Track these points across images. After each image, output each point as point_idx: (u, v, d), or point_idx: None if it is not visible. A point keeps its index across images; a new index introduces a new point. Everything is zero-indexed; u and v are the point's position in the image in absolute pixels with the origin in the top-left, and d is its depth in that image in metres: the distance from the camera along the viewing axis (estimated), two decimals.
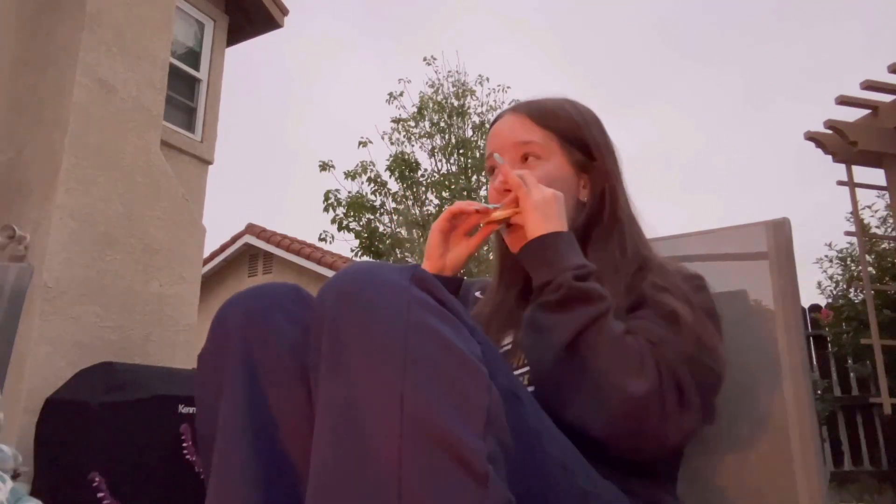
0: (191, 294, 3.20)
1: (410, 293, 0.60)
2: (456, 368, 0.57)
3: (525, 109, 0.98)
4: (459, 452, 0.53)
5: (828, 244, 5.90)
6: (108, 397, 2.30)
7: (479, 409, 0.57)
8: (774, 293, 1.01)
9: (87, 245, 2.74)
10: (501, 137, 0.98)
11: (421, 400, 0.55)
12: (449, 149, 8.20)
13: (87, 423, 2.27)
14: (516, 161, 0.95)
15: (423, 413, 0.54)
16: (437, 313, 0.60)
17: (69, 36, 2.85)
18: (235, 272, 9.85)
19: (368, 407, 0.55)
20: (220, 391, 0.70)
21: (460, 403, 0.56)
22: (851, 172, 4.14)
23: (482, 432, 0.56)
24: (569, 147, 0.96)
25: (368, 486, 0.53)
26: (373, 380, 0.56)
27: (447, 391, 0.56)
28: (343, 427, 0.56)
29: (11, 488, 0.99)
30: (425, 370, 0.56)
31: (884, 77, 3.94)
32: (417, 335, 0.57)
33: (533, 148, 0.95)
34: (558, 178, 0.94)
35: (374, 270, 0.63)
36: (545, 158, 0.95)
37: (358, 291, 0.61)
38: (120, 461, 2.14)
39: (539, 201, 0.84)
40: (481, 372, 0.59)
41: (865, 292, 4.12)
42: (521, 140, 0.96)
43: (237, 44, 5.26)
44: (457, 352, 0.58)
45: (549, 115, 0.97)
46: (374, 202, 8.09)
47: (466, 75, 8.48)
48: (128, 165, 2.95)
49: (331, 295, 0.62)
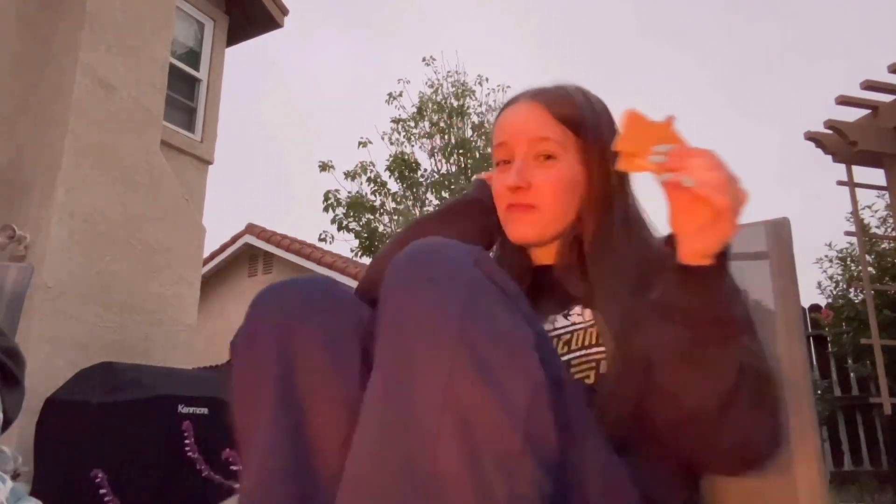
0: (191, 294, 3.20)
1: (472, 275, 0.62)
2: (506, 353, 0.59)
3: (543, 100, 0.91)
4: (496, 433, 0.55)
5: (828, 244, 5.90)
6: (108, 397, 2.30)
7: (522, 397, 0.58)
8: (774, 293, 1.01)
9: (87, 245, 2.74)
10: (516, 128, 0.92)
11: (467, 381, 0.57)
12: (449, 149, 8.20)
13: (87, 422, 2.27)
14: (529, 159, 0.90)
15: (467, 401, 0.56)
16: (495, 297, 0.62)
17: (69, 35, 2.85)
18: (235, 272, 9.84)
19: (418, 383, 0.58)
20: (256, 383, 0.71)
21: (504, 392, 0.57)
22: (851, 172, 4.14)
23: (524, 415, 0.57)
24: (584, 145, 0.90)
25: (405, 458, 0.56)
26: (428, 357, 0.58)
27: (494, 374, 0.57)
28: (392, 399, 0.59)
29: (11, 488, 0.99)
30: (476, 352, 0.58)
31: (884, 77, 3.94)
32: (474, 317, 0.59)
33: (549, 146, 0.89)
34: (570, 179, 0.89)
35: (440, 247, 0.65)
36: (560, 158, 0.89)
37: (424, 264, 0.63)
38: (120, 461, 2.14)
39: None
40: (532, 358, 0.60)
41: (865, 292, 4.12)
42: (538, 136, 0.89)
43: (237, 44, 5.26)
44: (509, 336, 0.60)
45: (567, 110, 0.90)
46: (373, 202, 8.09)
47: (466, 75, 8.50)
48: (128, 165, 2.95)
49: (400, 266, 0.64)
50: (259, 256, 9.72)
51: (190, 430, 1.76)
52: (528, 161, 0.89)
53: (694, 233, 0.66)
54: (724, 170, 0.64)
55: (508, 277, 0.66)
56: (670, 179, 0.65)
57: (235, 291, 9.61)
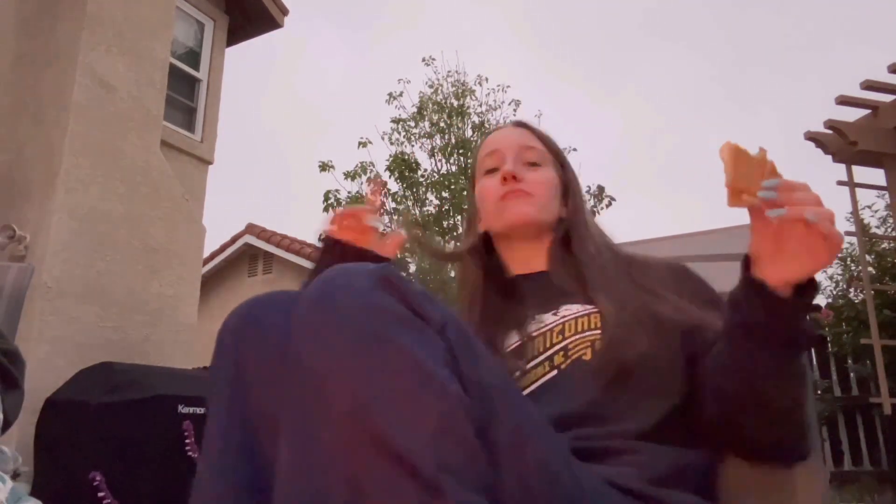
0: (191, 294, 3.20)
1: (368, 300, 0.61)
2: (407, 378, 0.58)
3: (527, 125, 1.07)
4: (409, 463, 0.54)
5: None
6: (108, 397, 2.30)
7: (431, 416, 0.57)
8: None
9: (87, 245, 2.74)
10: (508, 139, 1.04)
11: (372, 416, 0.56)
12: (449, 149, 8.20)
13: (87, 423, 2.27)
14: (520, 162, 1.00)
15: (374, 428, 0.55)
16: (398, 319, 0.61)
17: (69, 36, 2.85)
18: (235, 272, 9.84)
19: (324, 426, 0.57)
20: (210, 396, 0.71)
21: (410, 414, 0.56)
22: (851, 172, 4.14)
23: (433, 440, 0.56)
24: (558, 166, 1.03)
25: (323, 498, 0.55)
26: (326, 399, 0.57)
27: (397, 403, 0.56)
28: (303, 447, 0.58)
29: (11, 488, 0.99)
30: (374, 384, 0.57)
31: (884, 77, 3.94)
32: (367, 348, 0.58)
33: (537, 154, 1.02)
34: (554, 186, 1.01)
35: (338, 276, 0.64)
36: (545, 165, 1.02)
37: (317, 301, 0.62)
38: (119, 461, 2.14)
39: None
40: (436, 377, 0.59)
41: (865, 292, 4.12)
42: (526, 144, 1.02)
43: (237, 44, 5.26)
44: (409, 359, 0.58)
45: (545, 136, 1.06)
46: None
47: (466, 75, 8.49)
48: (128, 165, 2.95)
49: (303, 299, 0.63)
50: (259, 256, 9.73)
51: (190, 429, 1.76)
52: (517, 163, 1.00)
53: (788, 260, 0.70)
54: (818, 196, 0.69)
55: (418, 292, 0.64)
56: (788, 215, 0.67)
57: (235, 291, 9.60)
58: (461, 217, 7.98)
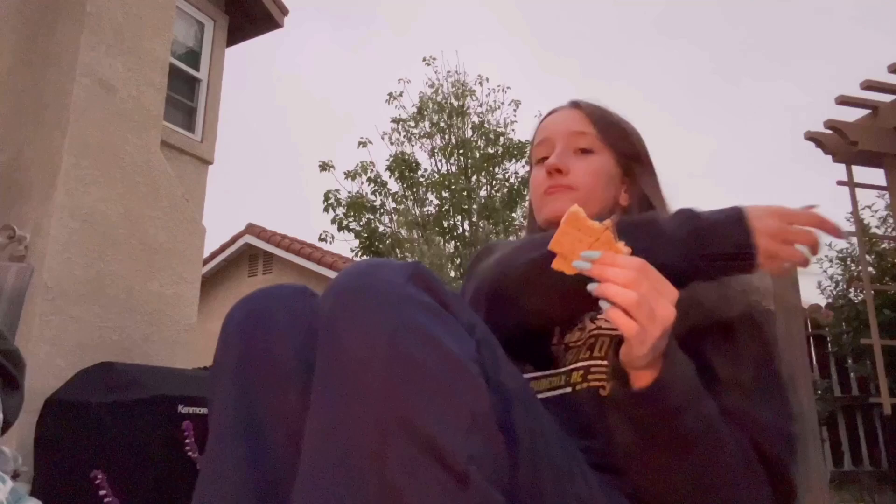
0: (191, 294, 3.20)
1: (404, 291, 0.60)
2: (442, 369, 0.58)
3: (580, 105, 0.99)
4: (440, 452, 0.54)
5: (828, 244, 5.90)
6: (108, 397, 2.30)
7: (464, 409, 0.57)
8: (775, 293, 1.01)
9: (87, 245, 2.74)
10: (556, 126, 0.98)
11: (405, 400, 0.55)
12: (449, 149, 8.20)
13: (87, 423, 2.27)
14: (568, 151, 0.95)
15: (407, 413, 0.55)
16: (430, 311, 0.60)
17: (69, 36, 2.85)
18: (235, 272, 9.84)
19: (356, 406, 0.56)
20: (214, 393, 0.70)
21: (444, 404, 0.56)
22: (851, 172, 4.13)
23: (465, 432, 0.56)
24: (617, 148, 0.96)
25: (352, 480, 0.54)
26: (361, 380, 0.57)
27: (432, 392, 0.56)
28: (332, 425, 0.57)
29: (11, 488, 0.99)
30: (411, 371, 0.56)
31: (884, 77, 3.93)
32: (405, 335, 0.58)
33: (587, 139, 0.95)
34: (606, 174, 0.94)
35: (373, 269, 0.63)
36: (597, 153, 0.95)
37: (355, 289, 0.61)
38: (119, 461, 2.14)
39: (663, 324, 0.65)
40: (469, 372, 0.59)
41: (865, 292, 4.12)
42: (576, 130, 0.96)
43: (237, 44, 5.26)
44: (445, 351, 0.58)
45: (602, 115, 0.98)
46: (374, 202, 8.09)
47: (466, 75, 8.49)
48: (128, 165, 2.95)
49: (331, 293, 0.63)
50: (259, 256, 9.73)
51: (190, 429, 1.76)
52: (566, 151, 0.95)
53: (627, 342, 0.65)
54: (644, 286, 0.62)
55: (449, 291, 0.64)
56: (595, 292, 0.65)
57: (235, 291, 9.60)
58: (461, 217, 7.98)
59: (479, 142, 8.16)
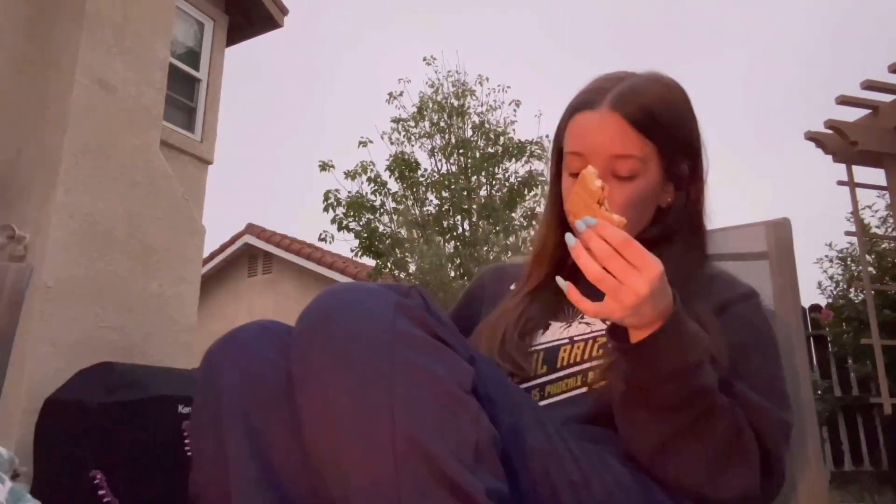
0: (191, 294, 3.20)
1: (395, 328, 0.59)
2: (445, 405, 0.57)
3: (626, 111, 0.83)
4: (458, 487, 0.53)
5: (828, 244, 5.90)
6: (108, 397, 2.29)
7: (469, 444, 0.56)
8: (774, 293, 1.01)
9: (87, 245, 2.74)
10: (594, 140, 0.84)
11: (414, 432, 0.55)
12: (449, 149, 8.19)
13: (87, 423, 2.27)
14: (606, 174, 0.83)
15: (418, 442, 0.54)
16: (424, 347, 0.59)
17: (69, 36, 2.85)
18: (235, 272, 9.84)
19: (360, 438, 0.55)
20: (219, 444, 0.69)
21: (452, 439, 0.56)
22: (851, 172, 4.13)
23: (473, 467, 0.56)
24: (668, 157, 0.86)
25: None
26: (360, 416, 0.56)
27: (439, 426, 0.56)
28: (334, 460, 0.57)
29: (11, 488, 0.99)
30: (415, 409, 0.56)
31: (884, 77, 3.93)
32: (403, 374, 0.56)
33: (629, 165, 0.83)
34: (647, 196, 0.86)
35: (354, 298, 0.61)
36: (640, 176, 0.84)
37: (336, 321, 0.59)
38: (119, 461, 2.14)
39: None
40: (471, 407, 0.58)
41: (865, 292, 4.12)
42: (617, 154, 0.83)
43: (237, 44, 5.26)
44: (445, 387, 0.58)
45: (652, 122, 0.84)
46: (373, 202, 8.08)
47: (466, 75, 8.48)
48: (128, 165, 2.95)
49: (306, 325, 0.61)
50: (259, 256, 9.73)
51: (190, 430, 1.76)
52: (605, 175, 0.83)
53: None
54: (615, 263, 0.64)
55: (440, 320, 0.63)
56: (570, 249, 0.67)
57: (235, 291, 9.61)
58: (461, 217, 7.97)
59: (479, 142, 8.16)
